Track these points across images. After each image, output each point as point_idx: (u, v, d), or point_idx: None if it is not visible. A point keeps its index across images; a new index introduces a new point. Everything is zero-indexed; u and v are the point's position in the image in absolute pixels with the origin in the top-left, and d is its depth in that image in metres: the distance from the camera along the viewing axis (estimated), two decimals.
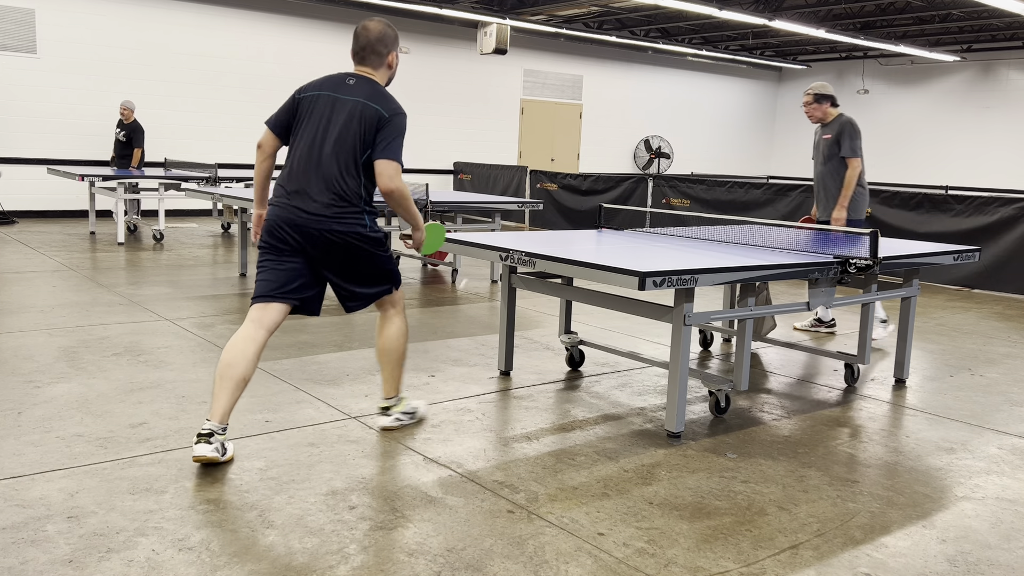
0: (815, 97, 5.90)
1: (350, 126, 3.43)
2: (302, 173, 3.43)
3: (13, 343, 4.94)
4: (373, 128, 3.42)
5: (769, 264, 3.73)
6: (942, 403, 4.52)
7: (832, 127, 5.88)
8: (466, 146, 15.70)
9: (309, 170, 3.42)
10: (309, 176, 3.42)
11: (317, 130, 3.46)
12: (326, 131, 3.44)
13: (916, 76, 18.15)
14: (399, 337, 3.65)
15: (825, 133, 5.92)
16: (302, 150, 3.45)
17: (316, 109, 3.49)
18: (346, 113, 3.44)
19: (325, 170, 3.41)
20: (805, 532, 2.87)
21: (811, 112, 5.94)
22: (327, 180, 3.40)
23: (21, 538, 2.60)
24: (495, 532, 2.76)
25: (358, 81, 3.52)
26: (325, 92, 3.50)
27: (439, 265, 8.85)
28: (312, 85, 3.55)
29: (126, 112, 10.61)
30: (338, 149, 3.42)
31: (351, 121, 3.43)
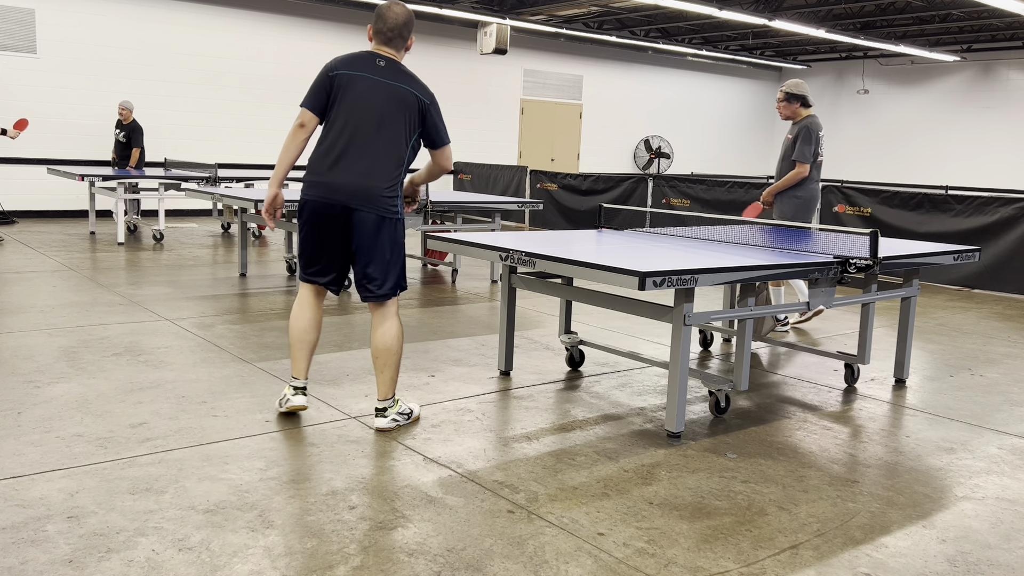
0: (787, 96, 5.99)
1: (396, 113, 3.59)
2: (345, 157, 3.56)
3: (13, 343, 4.94)
4: (417, 114, 3.63)
5: (769, 264, 3.73)
6: (942, 403, 4.52)
7: (796, 127, 5.97)
8: (466, 146, 15.70)
9: (353, 153, 3.56)
10: (353, 159, 3.55)
11: (363, 113, 3.57)
12: (371, 114, 3.57)
13: (916, 76, 18.15)
14: (397, 338, 3.70)
15: (791, 132, 6.02)
16: (347, 134, 3.57)
17: (354, 90, 3.59)
18: (387, 97, 3.59)
19: (373, 153, 3.56)
20: (805, 532, 2.87)
21: (781, 110, 6.04)
22: (374, 162, 3.56)
23: (21, 538, 2.60)
24: (495, 532, 2.76)
25: (388, 63, 3.65)
26: (360, 73, 3.60)
27: (439, 265, 8.85)
28: (343, 63, 3.62)
29: (125, 112, 10.61)
30: (387, 134, 3.58)
31: (396, 107, 3.59)
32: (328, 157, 3.58)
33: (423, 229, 7.28)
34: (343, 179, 3.54)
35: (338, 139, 3.57)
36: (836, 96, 19.59)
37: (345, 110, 3.58)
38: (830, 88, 19.69)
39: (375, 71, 3.62)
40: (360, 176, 3.54)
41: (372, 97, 3.58)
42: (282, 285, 7.27)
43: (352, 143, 3.56)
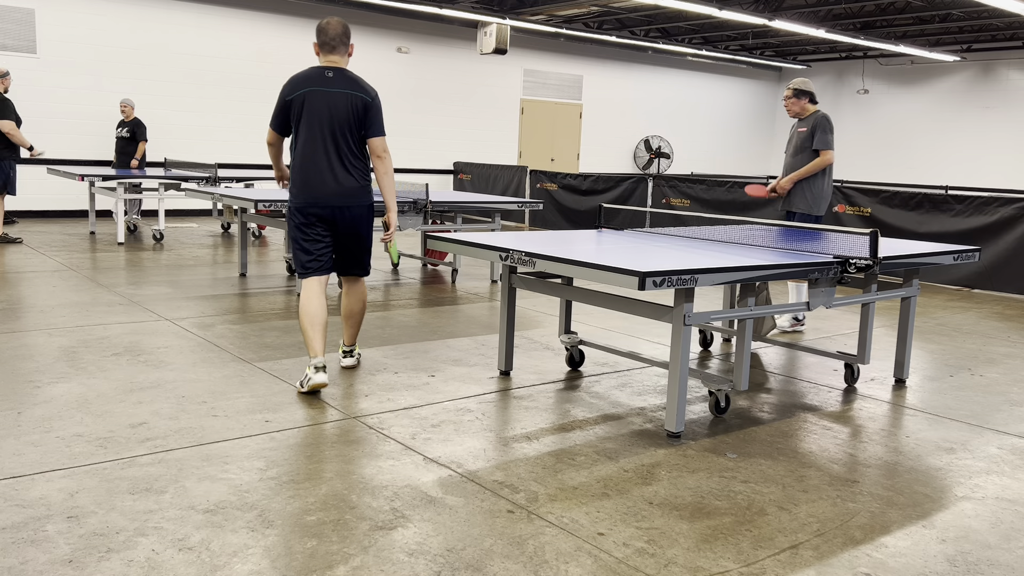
0: (795, 92, 6.03)
1: (350, 116, 4.20)
2: (315, 165, 4.19)
3: (13, 343, 4.94)
4: (363, 112, 4.22)
5: (769, 264, 3.73)
6: (942, 403, 4.52)
7: (807, 122, 6.04)
8: (466, 146, 15.70)
9: (321, 160, 4.19)
10: (323, 165, 4.19)
11: (321, 123, 4.19)
12: (331, 122, 4.18)
13: (916, 76, 18.15)
14: (364, 299, 4.59)
15: (800, 127, 6.07)
16: (311, 146, 4.20)
17: (313, 105, 4.19)
18: (341, 104, 4.19)
19: (339, 154, 4.20)
20: (805, 532, 2.87)
21: (789, 106, 6.09)
22: (343, 161, 4.21)
23: (21, 538, 2.60)
24: (495, 532, 2.76)
25: (335, 73, 4.23)
26: (314, 88, 4.19)
27: (439, 265, 8.85)
28: (297, 84, 4.21)
29: (127, 110, 10.63)
30: (348, 136, 4.21)
31: (348, 111, 4.19)
32: (308, 166, 4.19)
33: (423, 229, 7.28)
34: (327, 184, 4.18)
35: (312, 150, 4.19)
36: (836, 96, 19.59)
37: (310, 124, 4.19)
38: (830, 88, 19.69)
39: (326, 83, 4.20)
40: (341, 178, 4.21)
41: (328, 108, 4.18)
42: (282, 285, 7.27)
43: (325, 151, 4.19)
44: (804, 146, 6.02)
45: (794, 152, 6.09)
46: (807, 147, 6.00)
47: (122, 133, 10.74)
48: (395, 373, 4.63)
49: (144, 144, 10.73)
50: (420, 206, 7.12)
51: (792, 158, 6.11)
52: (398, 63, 14.59)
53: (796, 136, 6.11)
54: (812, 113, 6.05)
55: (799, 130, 6.08)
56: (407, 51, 14.67)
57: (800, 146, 6.05)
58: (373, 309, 6.40)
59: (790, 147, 6.17)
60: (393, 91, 14.59)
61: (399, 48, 14.57)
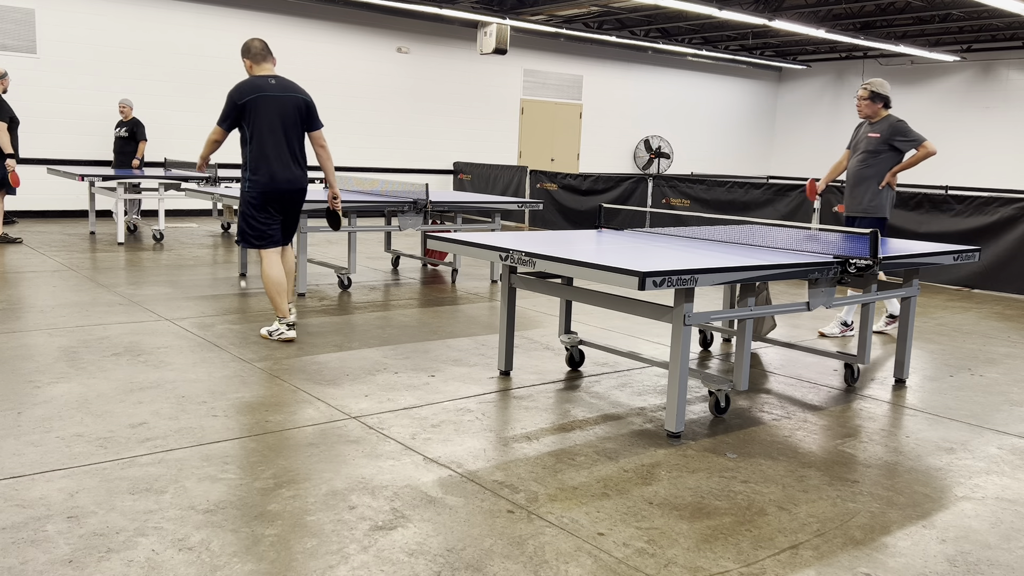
0: (871, 94, 5.87)
1: (295, 115, 5.21)
2: (276, 157, 5.16)
3: (13, 343, 4.94)
4: (306, 111, 5.26)
5: (769, 264, 3.73)
6: (942, 403, 4.52)
7: (880, 126, 5.88)
8: (466, 146, 15.70)
9: (281, 153, 5.17)
10: (282, 157, 5.18)
11: (275, 123, 5.14)
12: (283, 122, 5.17)
13: (916, 76, 18.15)
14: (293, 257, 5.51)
15: (872, 131, 5.90)
16: (270, 142, 5.14)
17: (265, 107, 5.11)
18: (288, 106, 5.18)
19: (293, 149, 5.22)
20: (805, 532, 2.87)
21: (863, 107, 5.91)
22: (295, 156, 5.24)
23: (21, 538, 2.60)
24: (495, 532, 2.76)
25: (276, 80, 5.18)
26: (263, 93, 5.11)
27: (439, 265, 8.85)
28: (248, 90, 5.08)
29: (125, 110, 10.63)
30: (295, 132, 5.23)
31: (294, 111, 5.20)
32: (274, 160, 5.15)
33: (423, 229, 7.28)
34: (285, 173, 5.19)
35: (275, 146, 5.14)
36: (836, 96, 19.59)
37: (264, 123, 5.10)
38: (830, 88, 19.69)
39: (271, 89, 5.13)
40: (294, 167, 5.23)
41: (278, 109, 5.13)
42: None
43: (287, 146, 5.18)
44: (878, 149, 5.84)
45: (864, 156, 5.91)
46: (882, 150, 5.83)
47: (121, 133, 10.74)
48: (395, 373, 4.63)
49: (144, 144, 10.73)
50: (420, 206, 7.12)
51: (861, 162, 5.92)
52: (398, 63, 14.59)
53: (865, 139, 5.90)
54: (885, 117, 5.88)
55: (870, 134, 5.88)
56: (407, 51, 14.67)
57: (872, 150, 5.86)
58: (373, 309, 6.40)
59: (857, 151, 5.96)
60: (393, 91, 14.59)
61: (399, 48, 14.57)
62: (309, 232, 8.12)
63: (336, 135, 14.06)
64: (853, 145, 6.09)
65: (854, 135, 6.13)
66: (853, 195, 6.00)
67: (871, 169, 5.91)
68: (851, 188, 6.02)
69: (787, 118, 20.63)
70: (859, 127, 6.11)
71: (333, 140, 14.05)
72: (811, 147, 20.11)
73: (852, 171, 6.03)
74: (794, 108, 20.46)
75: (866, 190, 5.93)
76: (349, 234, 7.16)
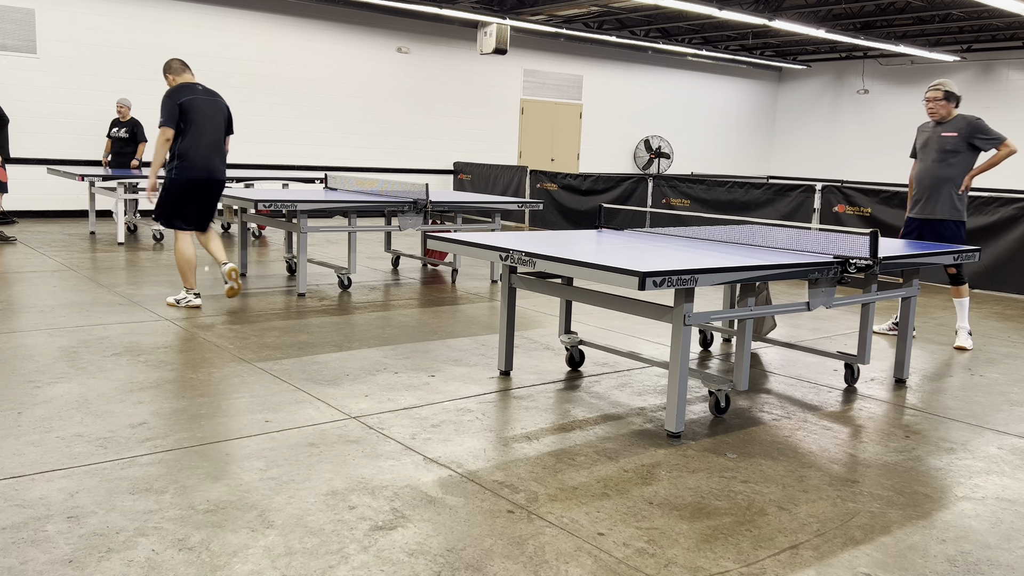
0: (946, 94, 5.75)
1: (220, 116, 6.13)
2: (210, 151, 6.03)
3: (13, 343, 4.94)
4: (228, 114, 6.24)
5: (769, 264, 3.73)
6: (942, 403, 4.52)
7: (956, 125, 5.76)
8: (466, 146, 15.70)
9: (214, 148, 6.05)
10: (214, 151, 6.06)
11: (208, 121, 6.02)
12: (213, 120, 6.06)
13: (916, 76, 18.15)
14: None
15: (947, 131, 5.77)
16: (206, 137, 6.00)
17: (199, 108, 5.98)
18: (215, 108, 6.09)
19: (221, 146, 6.12)
20: (805, 532, 2.87)
21: (936, 108, 5.78)
22: (222, 152, 6.15)
23: (21, 538, 2.60)
24: (495, 532, 2.76)
25: (203, 87, 6.10)
26: (196, 96, 5.99)
27: (439, 265, 8.85)
28: (184, 93, 5.94)
29: (124, 110, 10.61)
30: (222, 133, 6.16)
31: (220, 112, 6.13)
32: (200, 151, 5.95)
33: (423, 229, 7.28)
34: (213, 164, 6.05)
35: (200, 140, 5.96)
36: (836, 96, 19.59)
37: (198, 121, 5.95)
38: (830, 88, 19.69)
39: (201, 93, 6.04)
40: (220, 161, 6.10)
41: (209, 110, 6.02)
42: (282, 285, 7.28)
43: (216, 142, 6.07)
44: (957, 149, 5.73)
45: (939, 158, 5.77)
46: (960, 150, 5.72)
47: (120, 133, 10.72)
48: (395, 373, 4.63)
49: (144, 145, 10.73)
50: (420, 206, 7.12)
51: (936, 164, 5.78)
52: (398, 63, 14.59)
53: (940, 140, 5.78)
54: (959, 116, 5.77)
55: (944, 134, 5.76)
56: (407, 51, 14.67)
57: (949, 150, 5.75)
58: (373, 309, 6.40)
59: (929, 151, 5.84)
60: (393, 91, 14.59)
61: (399, 48, 14.57)
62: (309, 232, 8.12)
63: (336, 135, 14.06)
64: (921, 148, 5.90)
65: (918, 140, 5.94)
66: (931, 199, 5.83)
67: (952, 169, 5.76)
68: (928, 192, 5.83)
69: (787, 118, 20.63)
70: (922, 130, 5.93)
71: (333, 140, 14.06)
72: (811, 147, 20.11)
73: (928, 174, 5.84)
74: (794, 108, 20.46)
75: (946, 193, 5.78)
76: (349, 234, 7.16)
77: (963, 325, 5.93)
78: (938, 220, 5.87)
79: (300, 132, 13.67)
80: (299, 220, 6.71)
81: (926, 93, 5.86)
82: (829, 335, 6.19)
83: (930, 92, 5.81)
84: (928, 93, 5.83)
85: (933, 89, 5.81)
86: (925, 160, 5.89)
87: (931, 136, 5.88)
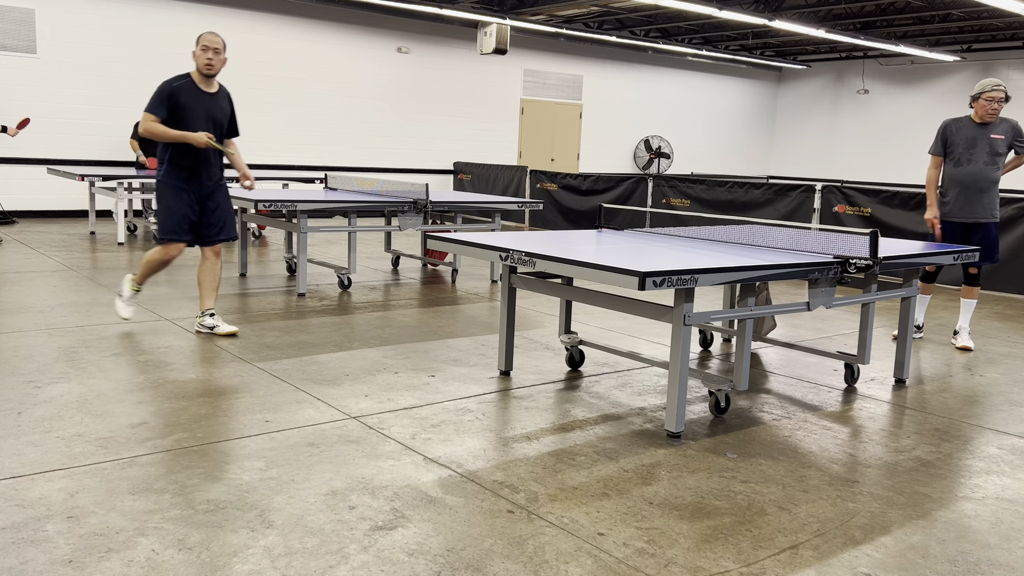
0: (1006, 96, 5.72)
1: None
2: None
3: (13, 343, 4.94)
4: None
5: (769, 264, 3.73)
6: (942, 403, 4.52)
7: (1003, 128, 5.75)
8: (466, 146, 15.70)
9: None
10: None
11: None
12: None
13: (916, 76, 18.15)
14: None
15: (995, 133, 5.74)
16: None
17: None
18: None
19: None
20: (805, 532, 2.87)
21: (998, 109, 5.73)
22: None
23: (21, 538, 2.60)
24: (495, 532, 2.76)
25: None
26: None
27: (439, 265, 8.85)
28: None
29: None
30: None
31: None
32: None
33: (423, 229, 7.28)
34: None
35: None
36: (836, 96, 19.59)
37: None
38: (830, 88, 19.69)
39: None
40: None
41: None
42: (282, 285, 7.27)
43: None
44: (1003, 151, 5.74)
45: (992, 159, 5.72)
46: (1004, 153, 5.74)
47: None
48: (395, 373, 4.63)
49: None
50: (420, 206, 7.12)
51: (989, 165, 5.73)
52: (398, 63, 14.59)
53: (987, 141, 5.73)
54: (1001, 119, 5.77)
55: (993, 136, 5.71)
56: (407, 51, 14.67)
57: (1001, 152, 5.74)
58: (373, 309, 6.40)
59: (977, 153, 5.75)
60: (393, 91, 14.59)
61: (399, 48, 14.57)
62: (309, 232, 8.11)
63: (336, 135, 14.06)
64: (963, 149, 5.79)
65: (956, 138, 5.82)
66: (981, 201, 5.79)
67: (999, 172, 5.77)
68: (977, 194, 5.78)
69: (787, 118, 20.63)
70: (959, 127, 5.83)
71: (333, 140, 14.06)
72: (811, 147, 20.11)
73: (978, 175, 5.76)
74: (794, 108, 20.46)
75: (994, 194, 5.79)
76: (349, 234, 7.16)
77: (965, 325, 5.93)
78: (991, 223, 5.84)
79: (300, 132, 13.68)
80: (299, 220, 6.71)
81: (987, 91, 5.70)
82: (829, 335, 6.19)
83: (995, 91, 5.69)
84: (993, 92, 5.69)
85: (996, 89, 5.70)
86: (974, 161, 5.78)
87: (978, 137, 5.77)
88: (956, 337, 5.97)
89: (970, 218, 5.84)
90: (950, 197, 5.87)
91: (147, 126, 5.01)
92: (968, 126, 5.82)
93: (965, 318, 5.93)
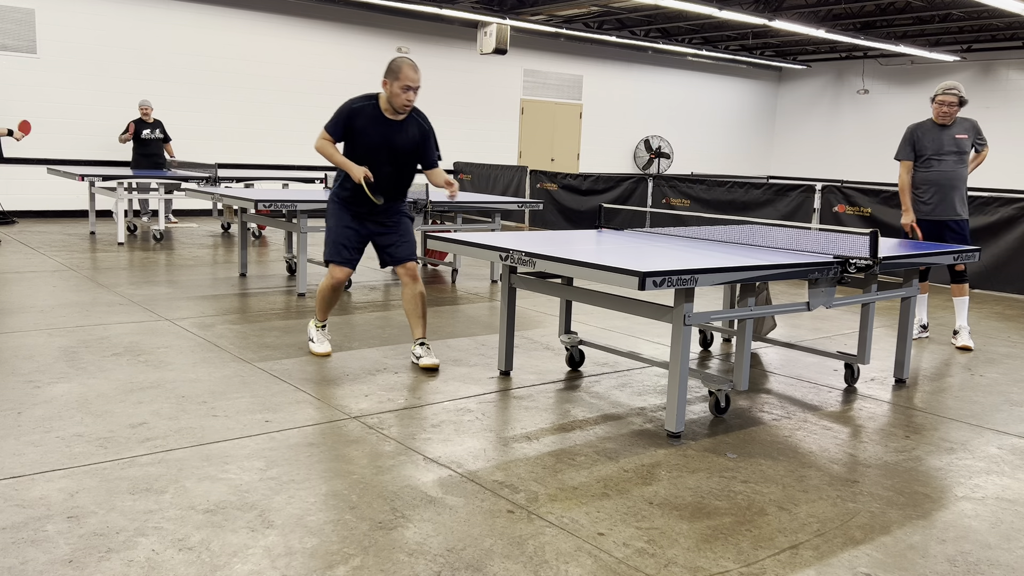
0: (960, 100, 5.81)
1: None
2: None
3: (13, 343, 4.94)
4: None
5: (769, 264, 3.73)
6: (942, 403, 4.52)
7: (964, 127, 5.89)
8: (466, 146, 15.70)
9: None
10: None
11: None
12: None
13: (916, 76, 18.15)
14: None
15: (959, 133, 5.86)
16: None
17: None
18: None
19: None
20: (805, 532, 2.87)
21: (952, 112, 5.83)
22: None
23: (21, 538, 2.60)
24: (495, 532, 2.76)
25: None
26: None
27: (439, 265, 8.85)
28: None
29: (147, 111, 10.68)
30: None
31: None
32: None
33: (423, 229, 7.28)
34: None
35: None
36: (836, 96, 19.59)
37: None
38: (830, 88, 19.69)
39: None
40: None
41: None
42: (282, 285, 7.28)
43: None
44: (967, 150, 5.87)
45: (958, 158, 5.87)
46: (968, 151, 5.88)
47: (155, 134, 10.80)
48: (395, 373, 4.63)
49: (171, 143, 10.96)
50: (420, 206, 7.12)
51: (957, 164, 5.86)
52: None
53: (954, 141, 5.83)
54: (959, 119, 5.89)
55: (958, 136, 5.85)
56: (407, 51, 14.66)
57: (965, 151, 5.87)
58: (373, 309, 6.40)
59: (948, 154, 5.87)
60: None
61: (399, 48, 14.57)
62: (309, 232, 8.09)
63: None
64: (933, 151, 5.90)
65: (923, 141, 5.92)
66: (951, 199, 5.89)
67: (965, 169, 5.90)
68: (947, 192, 5.87)
69: (787, 118, 20.63)
70: (924, 132, 5.94)
71: None
72: (811, 147, 20.11)
73: (948, 174, 5.88)
74: (794, 108, 20.46)
75: (962, 191, 5.92)
76: None
77: (964, 324, 5.94)
78: (959, 219, 5.93)
79: (300, 132, 13.67)
80: (299, 220, 6.71)
81: (940, 95, 5.83)
82: (829, 335, 6.19)
83: (947, 95, 5.80)
84: (945, 96, 5.80)
85: (949, 93, 5.80)
86: (944, 161, 5.89)
87: (943, 138, 5.89)
88: (956, 337, 5.98)
89: (943, 216, 5.96)
90: (927, 198, 5.98)
91: (319, 143, 4.61)
92: (932, 129, 5.94)
93: (962, 317, 5.95)
